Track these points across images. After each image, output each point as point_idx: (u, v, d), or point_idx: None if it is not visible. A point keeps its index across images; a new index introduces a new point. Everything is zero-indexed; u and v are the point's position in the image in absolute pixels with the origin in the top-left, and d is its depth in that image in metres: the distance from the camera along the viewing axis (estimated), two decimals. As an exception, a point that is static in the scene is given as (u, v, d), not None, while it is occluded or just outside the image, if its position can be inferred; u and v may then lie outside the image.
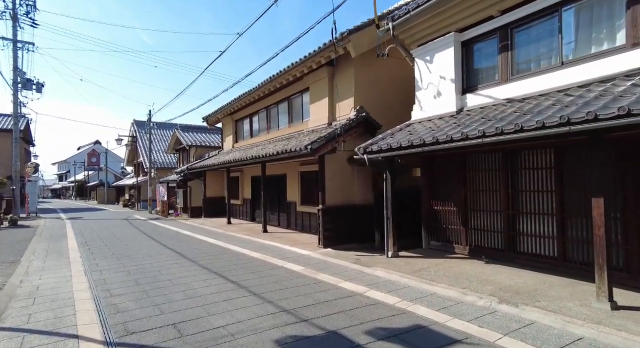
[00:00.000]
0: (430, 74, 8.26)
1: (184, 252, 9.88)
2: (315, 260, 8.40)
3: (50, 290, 6.32)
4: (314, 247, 9.85)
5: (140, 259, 8.94)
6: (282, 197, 14.12)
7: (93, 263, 8.52)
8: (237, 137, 18.85)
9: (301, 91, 12.94)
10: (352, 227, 10.13)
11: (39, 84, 23.14)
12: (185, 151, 25.19)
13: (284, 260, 8.50)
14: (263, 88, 13.90)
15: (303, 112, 13.01)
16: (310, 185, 12.28)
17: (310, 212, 12.19)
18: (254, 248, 10.15)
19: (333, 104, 11.18)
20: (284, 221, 14.08)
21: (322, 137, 9.23)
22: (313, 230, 12.06)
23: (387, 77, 10.99)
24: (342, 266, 7.68)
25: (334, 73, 11.11)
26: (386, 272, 6.91)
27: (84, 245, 11.23)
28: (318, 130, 11.16)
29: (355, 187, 10.44)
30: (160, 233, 13.93)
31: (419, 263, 7.47)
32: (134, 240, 12.14)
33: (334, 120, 11.13)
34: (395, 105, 10.90)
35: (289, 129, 13.78)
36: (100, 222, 18.96)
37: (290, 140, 11.99)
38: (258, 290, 6.10)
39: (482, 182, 7.60)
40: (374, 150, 7.69)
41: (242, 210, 17.78)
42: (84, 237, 13.09)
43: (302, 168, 12.55)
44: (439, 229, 8.53)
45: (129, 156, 37.15)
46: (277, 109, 14.85)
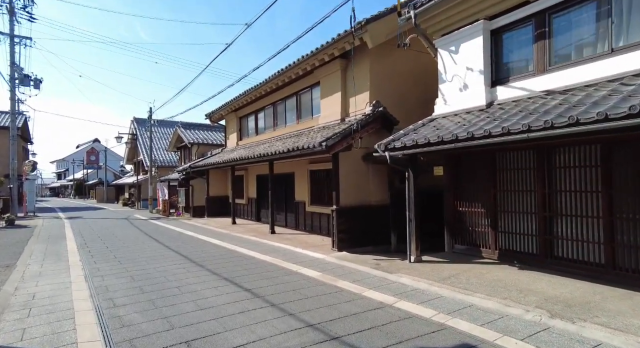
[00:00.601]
0: (455, 65, 7.71)
1: (189, 254, 9.33)
2: (331, 264, 7.85)
3: (48, 299, 5.76)
4: (327, 249, 9.30)
5: (144, 263, 8.39)
6: (290, 197, 13.57)
7: (94, 268, 7.97)
8: (242, 134, 18.29)
9: (311, 86, 12.38)
10: (368, 229, 9.59)
11: (36, 79, 22.56)
12: (186, 149, 24.62)
13: (298, 264, 7.96)
14: (270, 83, 13.33)
15: (313, 107, 12.45)
16: (320, 185, 11.73)
17: (321, 213, 11.65)
18: (264, 250, 9.61)
19: (346, 99, 10.63)
20: (292, 221, 13.53)
21: (337, 133, 8.68)
22: (324, 232, 11.53)
23: (403, 70, 10.43)
24: (362, 272, 7.13)
25: (347, 66, 10.55)
26: (412, 280, 6.37)
27: (84, 247, 10.67)
28: (330, 127, 10.61)
29: (371, 187, 9.90)
30: (163, 234, 13.38)
31: (446, 269, 6.93)
32: (136, 242, 11.59)
33: (347, 116, 10.57)
34: (412, 100, 10.36)
35: (297, 125, 13.22)
36: (100, 222, 18.40)
37: (299, 138, 11.43)
38: (276, 299, 5.56)
39: (514, 181, 7.05)
40: (397, 147, 7.14)
41: (246, 210, 17.24)
42: (83, 238, 12.53)
43: (312, 166, 12.00)
44: (463, 232, 8.00)
45: (129, 154, 36.54)
46: (284, 104, 14.28)
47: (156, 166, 26.45)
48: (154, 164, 26.00)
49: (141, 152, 30.50)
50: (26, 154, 32.00)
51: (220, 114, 18.89)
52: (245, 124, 17.85)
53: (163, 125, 33.71)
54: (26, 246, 10.92)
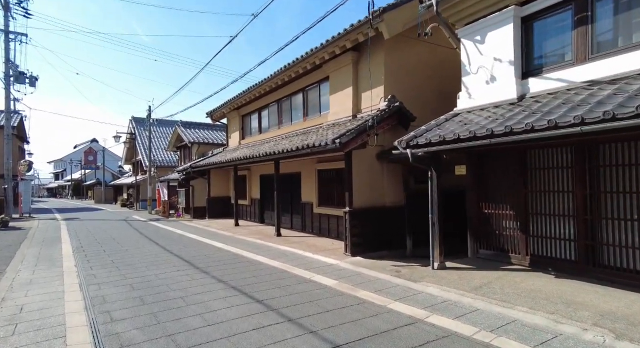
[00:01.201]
0: (481, 56, 7.13)
1: (192, 259, 8.73)
2: (347, 271, 7.26)
3: (37, 312, 5.16)
4: (339, 254, 8.72)
5: (143, 269, 7.78)
6: (296, 198, 12.98)
7: (90, 274, 7.36)
8: (244, 133, 17.69)
9: (318, 81, 11.80)
10: (382, 232, 9.01)
11: (32, 77, 21.92)
12: (186, 149, 24.00)
13: (310, 270, 7.37)
14: (276, 78, 12.74)
15: (321, 104, 11.86)
16: (329, 185, 11.15)
17: (329, 215, 11.07)
18: (271, 255, 9.02)
19: (358, 94, 10.04)
20: (298, 224, 12.94)
21: (352, 129, 8.09)
22: (333, 234, 10.95)
23: (418, 64, 9.86)
24: (382, 280, 6.54)
25: (359, 59, 9.97)
26: (441, 289, 5.79)
27: (80, 251, 10.06)
28: (340, 124, 10.02)
29: (385, 187, 9.31)
30: (163, 237, 12.77)
31: (475, 277, 6.35)
32: (135, 245, 10.98)
33: (359, 112, 9.99)
34: (428, 96, 9.80)
35: (304, 123, 12.63)
36: (97, 223, 17.77)
37: (307, 135, 10.84)
38: (292, 313, 4.97)
39: (548, 181, 6.48)
40: (420, 143, 6.56)
41: (249, 211, 16.64)
42: (79, 241, 11.91)
43: (320, 166, 11.42)
44: (489, 235, 7.42)
45: (127, 154, 35.90)
46: (290, 101, 13.69)
47: (155, 166, 25.82)
48: (153, 163, 25.37)
49: (140, 152, 29.86)
50: (22, 153, 31.32)
51: (222, 112, 18.28)
52: (248, 122, 17.25)
53: (162, 125, 33.09)
54: (18, 250, 10.31)
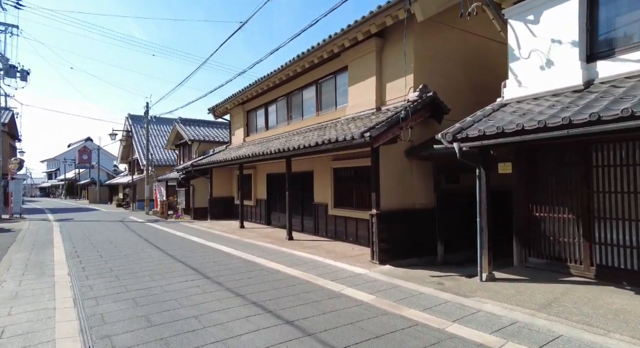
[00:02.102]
0: (534, 38, 6.27)
1: (201, 267, 7.80)
2: (380, 283, 6.36)
3: (22, 338, 4.23)
4: (364, 262, 7.82)
5: (147, 279, 6.85)
6: (308, 198, 12.08)
7: (85, 286, 6.42)
8: (249, 130, 16.75)
9: (334, 72, 10.90)
10: (411, 237, 8.13)
11: (23, 71, 20.85)
12: (186, 147, 23.02)
13: (337, 282, 6.48)
14: (287, 70, 11.82)
15: (337, 97, 10.97)
16: (347, 185, 10.26)
17: (347, 217, 10.18)
18: (287, 262, 8.11)
19: (382, 85, 9.16)
20: (310, 226, 12.04)
21: (382, 122, 7.21)
22: (351, 238, 10.06)
23: (449, 52, 9.01)
24: (426, 295, 5.65)
25: (384, 46, 9.09)
26: (501, 307, 4.91)
27: (74, 257, 9.09)
28: (362, 117, 9.13)
29: (415, 187, 8.43)
30: (164, 240, 11.81)
31: (535, 291, 5.47)
32: (135, 250, 10.01)
33: (383, 104, 9.11)
34: (459, 87, 8.97)
35: (317, 118, 11.73)
36: (92, 225, 16.75)
37: (323, 131, 9.94)
38: (335, 339, 4.07)
39: (619, 180, 5.62)
40: (472, 136, 5.68)
41: (255, 213, 15.70)
42: (73, 245, 10.93)
43: (336, 164, 10.53)
44: (540, 242, 6.56)
45: (123, 153, 34.79)
46: (300, 95, 12.78)
47: (153, 165, 24.81)
48: (151, 162, 24.36)
49: (137, 150, 28.80)
50: (13, 151, 30.19)
51: (225, 108, 17.33)
52: (254, 119, 16.31)
53: (160, 123, 32.08)
54: (5, 255, 9.32)
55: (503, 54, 10.28)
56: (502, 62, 10.24)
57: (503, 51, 10.28)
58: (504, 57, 10.46)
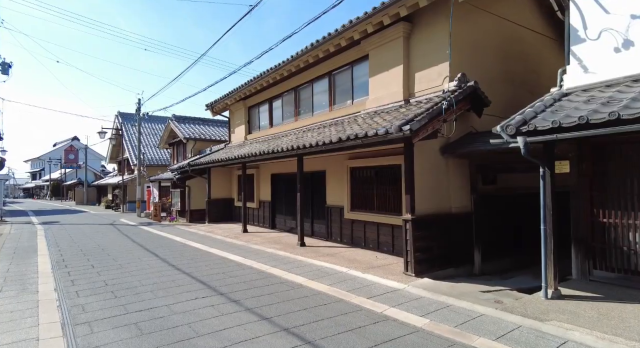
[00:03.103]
0: (606, 15, 5.42)
1: (209, 280, 6.79)
2: (427, 302, 5.44)
3: (-7, 387, 3.20)
4: (397, 274, 6.89)
5: (149, 296, 5.82)
6: (319, 200, 11.13)
7: (76, 306, 5.37)
8: (251, 127, 15.71)
9: (352, 62, 9.98)
10: (447, 245, 7.24)
11: (5, 63, 19.39)
12: (180, 145, 21.87)
13: (375, 299, 5.54)
14: (298, 60, 10.84)
15: (354, 89, 10.04)
16: (366, 186, 9.34)
17: (367, 221, 9.25)
18: (308, 273, 7.15)
19: (409, 75, 8.26)
20: (321, 231, 11.08)
21: (422, 113, 6.30)
22: (371, 245, 9.13)
23: (485, 39, 8.16)
24: (490, 318, 4.73)
25: (412, 32, 8.20)
26: (593, 337, 4.02)
27: (61, 267, 8.00)
28: (389, 111, 8.21)
29: (451, 189, 7.54)
30: (162, 246, 10.73)
31: (625, 314, 4.59)
32: (130, 258, 8.94)
33: (411, 96, 8.21)
34: (496, 78, 8.11)
35: (330, 113, 10.78)
36: (81, 229, 15.54)
37: (341, 127, 9.01)
38: (412, 388, 3.12)
39: None
40: (541, 128, 4.79)
41: (258, 216, 14.67)
42: (60, 252, 9.80)
43: (354, 163, 9.59)
44: (610, 252, 5.69)
45: (112, 152, 33.38)
46: (310, 89, 11.82)
47: (145, 165, 23.59)
48: (143, 162, 23.13)
49: (127, 149, 27.52)
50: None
51: (225, 104, 16.27)
52: (256, 115, 15.28)
53: (152, 121, 30.84)
54: (-19, 266, 8.19)
55: (538, 45, 9.52)
56: (537, 53, 9.48)
57: (539, 42, 9.52)
58: (540, 48, 9.73)
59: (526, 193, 8.52)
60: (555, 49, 9.74)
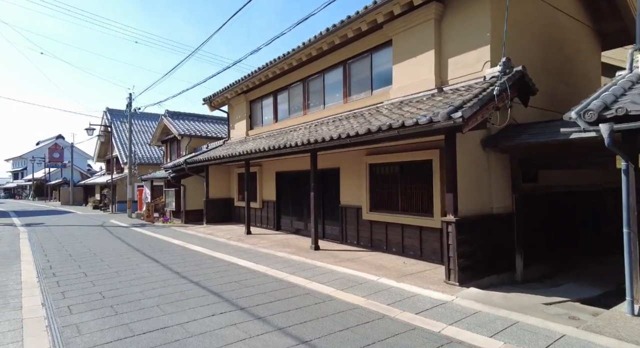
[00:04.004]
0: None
1: (223, 290, 5.90)
2: (486, 317, 4.64)
3: None
4: (437, 282, 6.09)
5: (156, 311, 4.91)
6: (331, 200, 10.30)
7: (70, 326, 4.45)
8: (253, 122, 14.79)
9: (370, 50, 9.18)
10: (490, 250, 6.48)
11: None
12: (174, 143, 20.80)
13: (424, 315, 4.74)
14: (310, 48, 9.99)
15: (373, 79, 9.23)
16: (388, 184, 8.55)
17: (388, 223, 8.46)
18: (335, 282, 6.31)
19: (441, 61, 7.49)
20: (335, 233, 10.25)
21: (471, 99, 5.51)
22: (394, 249, 8.35)
23: (525, 23, 7.43)
24: (578, 341, 3.95)
25: (444, 14, 7.42)
26: None
27: (49, 275, 7.02)
28: (421, 100, 7.42)
29: (492, 187, 6.78)
30: (161, 250, 9.77)
31: None
32: (127, 264, 7.98)
33: (444, 83, 7.43)
34: (534, 65, 7.35)
35: (345, 105, 9.96)
36: (68, 231, 14.42)
37: (363, 119, 8.20)
38: None
39: None
40: (635, 113, 4.02)
41: (261, 216, 13.75)
42: (47, 258, 8.78)
43: (373, 159, 8.79)
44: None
45: (100, 150, 32.02)
46: (322, 80, 10.98)
47: (136, 163, 22.44)
48: (134, 160, 21.98)
49: (116, 147, 26.30)
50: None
51: (225, 98, 15.31)
52: (259, 109, 14.36)
53: (144, 118, 29.68)
54: (-45, 275, 7.15)
55: (574, 32, 8.78)
56: (573, 40, 8.72)
57: (575, 28, 8.79)
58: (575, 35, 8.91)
59: (565, 191, 7.86)
60: (590, 37, 9.08)
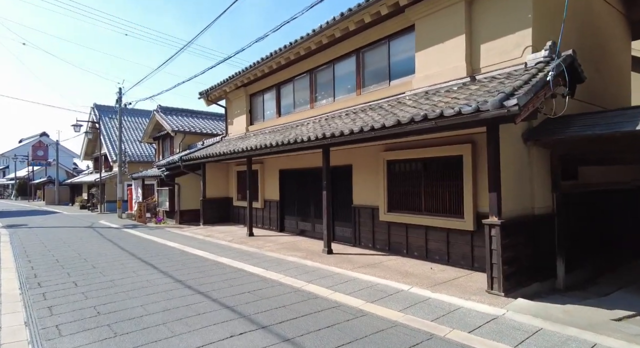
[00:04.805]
0: None
1: (236, 304, 5.15)
2: (557, 338, 3.98)
3: None
4: (476, 291, 5.44)
5: (165, 332, 4.14)
6: (343, 200, 9.59)
7: (59, 355, 3.67)
8: (253, 117, 13.98)
9: (388, 36, 8.49)
10: (532, 255, 5.85)
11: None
12: (167, 139, 19.87)
13: (479, 334, 4.07)
14: (320, 35, 9.25)
15: (391, 68, 8.54)
16: (408, 182, 7.89)
17: (409, 224, 7.80)
18: (359, 293, 5.60)
19: (472, 46, 6.82)
20: (346, 235, 9.55)
21: (521, 86, 4.85)
22: (416, 253, 7.71)
23: (562, 4, 6.76)
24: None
25: (477, -5, 6.77)
26: None
27: (33, 286, 6.17)
28: (448, 90, 6.75)
29: (533, 185, 6.14)
30: (158, 254, 8.95)
31: None
32: (123, 271, 7.16)
33: (476, 71, 6.77)
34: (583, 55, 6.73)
35: (358, 98, 9.26)
36: (55, 233, 13.45)
37: (377, 112, 7.51)
38: None
39: None
40: None
41: (262, 217, 12.98)
42: (31, 265, 7.91)
43: (391, 155, 8.12)
44: None
45: (88, 148, 30.80)
46: (331, 71, 10.25)
47: (126, 161, 21.42)
48: (125, 158, 20.96)
49: (105, 144, 25.21)
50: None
51: (223, 91, 14.46)
52: (260, 104, 13.56)
53: (134, 114, 28.63)
54: None
55: (607, 17, 8.18)
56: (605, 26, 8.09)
57: (608, 14, 8.18)
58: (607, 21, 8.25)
59: (604, 189, 7.28)
60: (622, 24, 8.52)
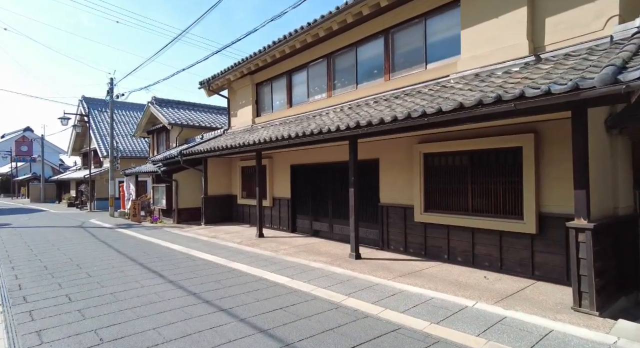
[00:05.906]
0: None
1: (272, 325, 4.16)
2: None
3: None
4: (558, 308, 4.54)
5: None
6: (368, 197, 8.64)
7: None
8: (260, 108, 12.93)
9: (424, 14, 7.55)
10: (618, 263, 4.96)
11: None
12: (163, 133, 18.70)
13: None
14: (345, 13, 8.24)
15: (427, 49, 7.60)
16: (450, 178, 6.99)
17: (451, 226, 6.90)
18: (415, 310, 4.66)
19: (535, 21, 5.90)
20: (371, 237, 8.62)
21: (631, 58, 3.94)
22: (459, 258, 6.83)
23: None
24: None
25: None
26: None
27: (17, 301, 5.10)
28: (508, 72, 5.83)
29: (619, 181, 5.24)
30: (161, 258, 7.90)
31: None
32: (124, 281, 6.11)
33: (540, 49, 5.85)
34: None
35: (387, 84, 8.31)
36: (41, 234, 12.25)
37: (413, 99, 6.56)
38: None
39: None
40: None
41: (271, 216, 11.95)
42: (15, 274, 6.80)
43: (429, 147, 7.20)
44: None
45: (76, 143, 29.37)
46: (354, 54, 9.26)
47: (118, 156, 20.19)
48: (116, 153, 19.73)
49: (94, 139, 23.88)
50: None
51: (227, 80, 13.36)
52: (268, 93, 12.51)
53: (125, 108, 27.33)
54: None
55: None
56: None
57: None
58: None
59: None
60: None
